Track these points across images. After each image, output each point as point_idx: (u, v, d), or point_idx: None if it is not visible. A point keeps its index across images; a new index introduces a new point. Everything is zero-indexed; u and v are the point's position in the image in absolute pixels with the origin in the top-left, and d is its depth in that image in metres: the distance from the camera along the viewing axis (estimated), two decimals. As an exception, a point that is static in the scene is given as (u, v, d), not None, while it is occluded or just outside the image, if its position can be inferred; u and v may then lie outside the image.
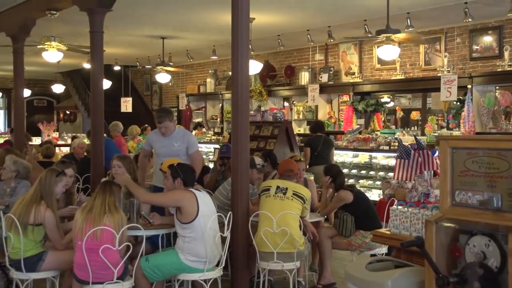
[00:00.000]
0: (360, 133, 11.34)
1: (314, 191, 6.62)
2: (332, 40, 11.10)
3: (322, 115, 13.01)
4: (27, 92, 16.84)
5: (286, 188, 5.65)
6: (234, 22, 5.64)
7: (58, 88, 17.36)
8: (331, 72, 12.81)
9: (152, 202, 5.35)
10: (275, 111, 10.82)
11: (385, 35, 8.63)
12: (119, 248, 4.57)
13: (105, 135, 8.40)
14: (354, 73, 12.44)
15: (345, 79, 12.71)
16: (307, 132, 13.44)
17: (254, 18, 9.28)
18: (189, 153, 6.32)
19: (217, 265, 5.09)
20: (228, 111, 15.19)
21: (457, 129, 10.32)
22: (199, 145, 13.13)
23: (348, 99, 12.25)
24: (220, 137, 13.64)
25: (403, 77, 11.26)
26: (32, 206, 4.88)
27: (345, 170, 10.07)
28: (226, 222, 5.15)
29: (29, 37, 9.70)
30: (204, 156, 12.23)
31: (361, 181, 10.33)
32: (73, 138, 12.68)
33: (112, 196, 4.74)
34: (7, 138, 12.97)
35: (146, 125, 14.08)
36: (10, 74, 11.43)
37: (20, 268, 4.81)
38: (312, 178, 7.37)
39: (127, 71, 18.13)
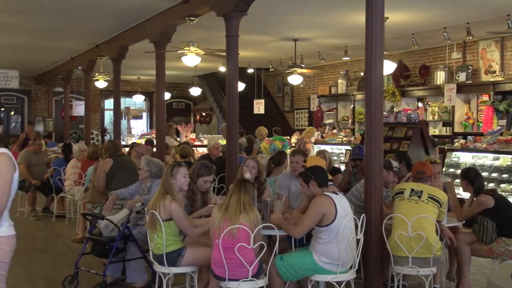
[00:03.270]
0: (501, 134, 10.70)
1: (452, 195, 6.33)
2: (470, 38, 10.61)
3: (459, 116, 12.47)
4: (167, 95, 17.78)
5: (421, 191, 5.48)
6: (368, 22, 5.56)
7: (195, 91, 18.13)
8: (469, 71, 12.25)
9: (304, 230, 5.03)
10: (409, 112, 10.55)
11: (531, 30, 8.10)
12: (254, 246, 4.68)
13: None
14: (494, 72, 11.79)
15: (484, 78, 12.09)
16: (443, 133, 12.99)
17: (387, 17, 9.09)
18: None
19: (351, 267, 5.05)
20: (360, 112, 15.03)
21: None
22: (331, 146, 13.20)
23: (488, 99, 11.62)
24: (351, 138, 13.53)
25: (551, 74, 10.50)
26: (159, 202, 5.13)
27: (484, 174, 9.56)
28: (359, 224, 5.11)
29: (170, 43, 10.20)
30: (335, 158, 12.19)
31: (502, 185, 9.74)
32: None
33: (247, 195, 4.84)
34: (147, 138, 13.73)
35: (277, 127, 14.33)
36: (152, 79, 12.10)
37: (163, 262, 5.10)
38: (449, 180, 7.09)
39: (259, 74, 18.51)
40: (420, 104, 13.69)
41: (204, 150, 12.66)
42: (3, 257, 3.75)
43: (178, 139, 14.01)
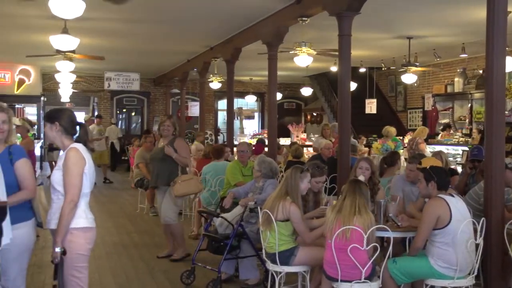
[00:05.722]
0: None
1: None
2: None
3: None
4: (278, 96, 17.96)
5: (549, 195, 5.16)
6: (489, 17, 5.33)
7: (306, 91, 18.15)
8: None
9: (424, 237, 4.85)
10: (533, 111, 9.94)
11: None
12: (367, 248, 4.63)
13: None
14: None
15: None
16: None
17: (510, 11, 8.61)
18: None
19: (469, 273, 4.85)
20: (478, 112, 14.38)
21: None
22: (446, 146, 12.73)
23: None
24: (469, 139, 12.98)
25: None
26: (278, 202, 5.17)
27: None
28: (478, 229, 4.89)
29: (282, 43, 10.29)
30: (451, 159, 11.74)
31: None
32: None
33: (362, 197, 4.79)
34: (258, 138, 13.93)
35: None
36: (264, 79, 12.24)
37: (275, 261, 5.16)
38: None
39: (371, 73, 18.23)
40: (546, 103, 12.87)
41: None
42: (78, 249, 3.79)
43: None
